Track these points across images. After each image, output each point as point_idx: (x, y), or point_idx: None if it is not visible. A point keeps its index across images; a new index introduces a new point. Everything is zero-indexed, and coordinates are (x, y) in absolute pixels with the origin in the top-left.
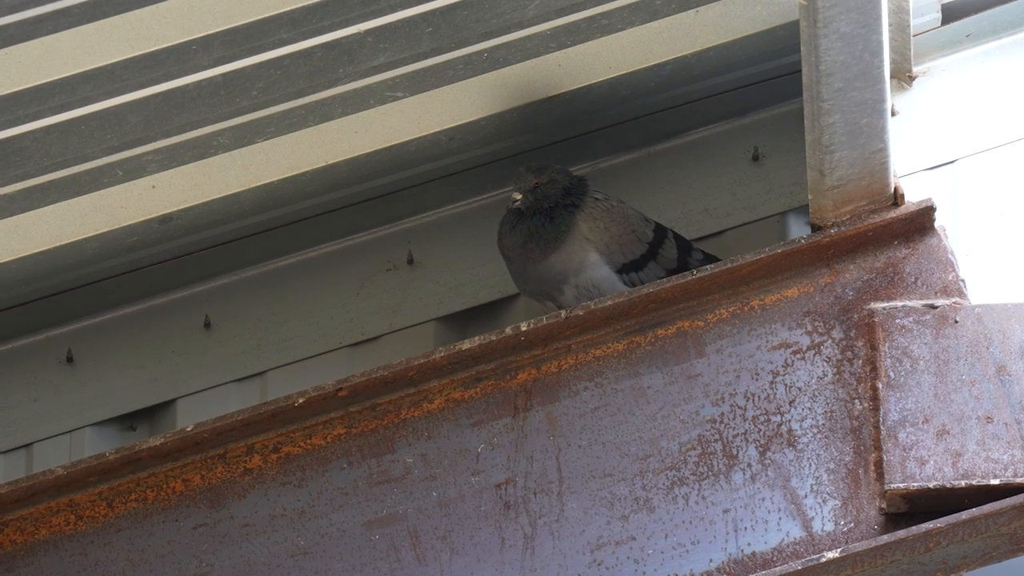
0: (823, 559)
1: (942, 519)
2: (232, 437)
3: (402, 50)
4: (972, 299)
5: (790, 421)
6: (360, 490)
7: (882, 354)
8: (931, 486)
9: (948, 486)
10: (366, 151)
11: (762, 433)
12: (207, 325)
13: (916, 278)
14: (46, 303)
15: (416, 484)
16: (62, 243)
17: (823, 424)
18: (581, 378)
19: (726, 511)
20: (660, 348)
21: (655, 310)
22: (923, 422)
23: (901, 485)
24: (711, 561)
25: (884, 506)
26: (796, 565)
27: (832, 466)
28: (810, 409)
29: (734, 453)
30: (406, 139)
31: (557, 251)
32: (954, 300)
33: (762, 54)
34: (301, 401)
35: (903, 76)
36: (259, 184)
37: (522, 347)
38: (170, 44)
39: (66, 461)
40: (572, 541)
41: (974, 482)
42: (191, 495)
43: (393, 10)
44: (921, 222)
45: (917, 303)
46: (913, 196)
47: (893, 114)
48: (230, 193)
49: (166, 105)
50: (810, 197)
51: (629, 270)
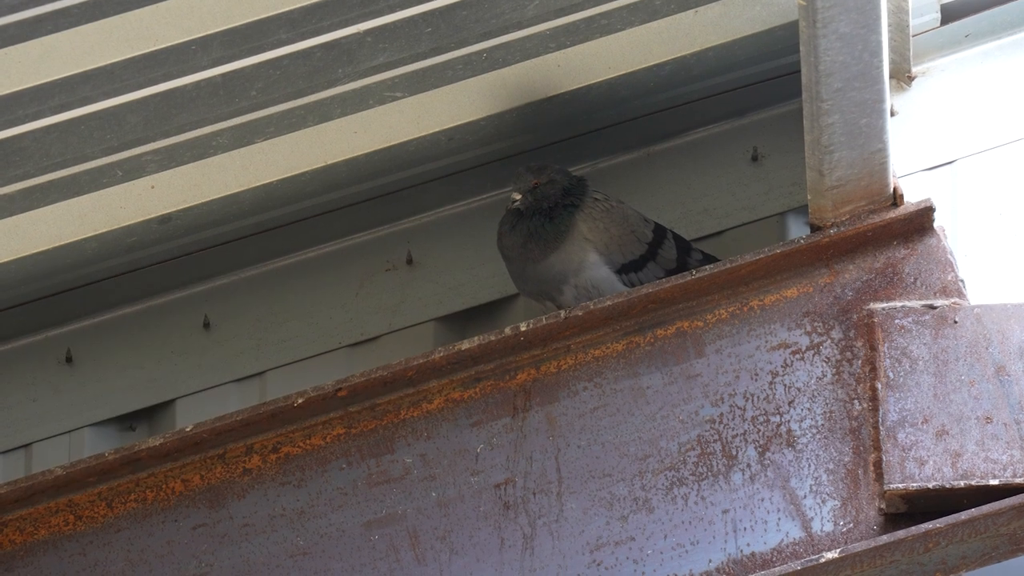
0: (822, 559)
1: (941, 519)
2: (231, 437)
3: (401, 50)
4: (971, 299)
5: (789, 421)
6: (359, 490)
7: (881, 354)
8: (930, 486)
9: (947, 486)
10: (365, 151)
11: (761, 433)
12: (206, 325)
13: (915, 278)
14: (45, 303)
15: (415, 484)
16: (62, 243)
17: (822, 424)
18: (580, 378)
19: (725, 511)
20: (659, 348)
21: (654, 310)
22: (922, 422)
23: (900, 485)
24: (710, 561)
25: (883, 506)
26: (795, 565)
27: (831, 466)
28: (809, 409)
29: (733, 453)
30: (405, 139)
31: (556, 251)
32: (953, 300)
33: (761, 54)
34: (300, 401)
35: (902, 76)
36: (258, 184)
37: (521, 347)
38: (169, 44)
39: (65, 461)
40: (571, 541)
41: (973, 482)
42: (190, 495)
43: (392, 10)
44: (920, 222)
45: (916, 303)
46: (912, 196)
47: (892, 114)
48: (229, 193)
49: (165, 105)
50: (809, 197)
51: (628, 270)
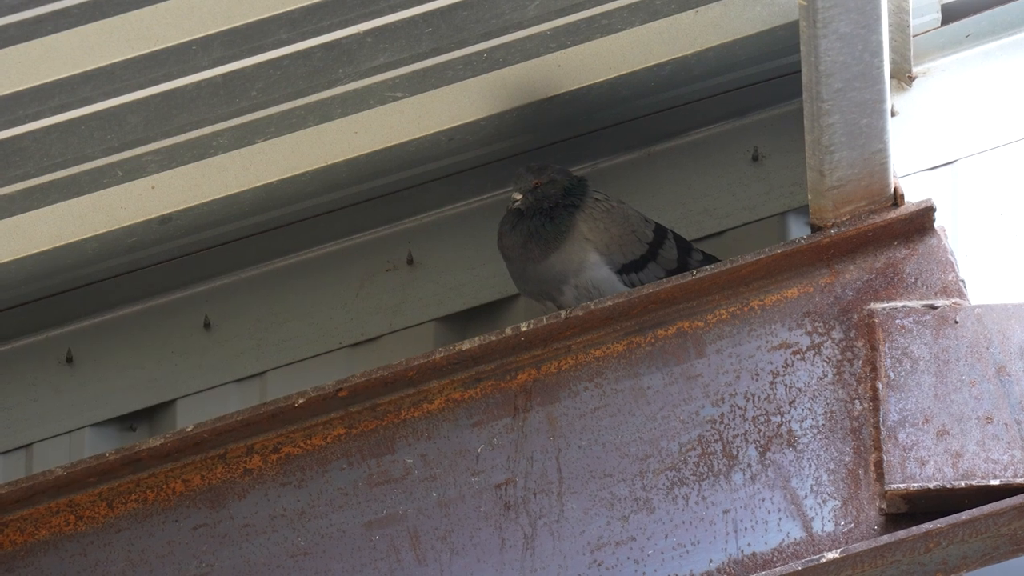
0: (823, 559)
1: (942, 519)
2: (232, 437)
3: (402, 50)
4: (972, 299)
5: (790, 421)
6: (360, 490)
7: (882, 354)
8: (931, 486)
9: (948, 486)
10: (366, 151)
11: (762, 433)
12: (207, 325)
13: (916, 278)
14: (46, 303)
15: (416, 484)
16: (62, 243)
17: (823, 424)
18: (581, 378)
19: (726, 511)
20: (660, 348)
21: (655, 310)
22: (923, 422)
23: (901, 485)
24: (711, 562)
25: (884, 506)
26: (796, 565)
27: (832, 466)
28: (810, 409)
29: (734, 453)
30: (406, 139)
31: (557, 251)
32: (954, 300)
33: (762, 54)
34: (301, 401)
35: (903, 76)
36: (259, 184)
37: (522, 347)
38: (170, 44)
39: (66, 461)
40: (572, 541)
41: (974, 482)
42: (191, 495)
43: (393, 10)
44: (921, 222)
45: (917, 303)
46: (913, 196)
47: (893, 114)
48: (230, 193)
49: (166, 105)
50: (810, 197)
51: (629, 270)
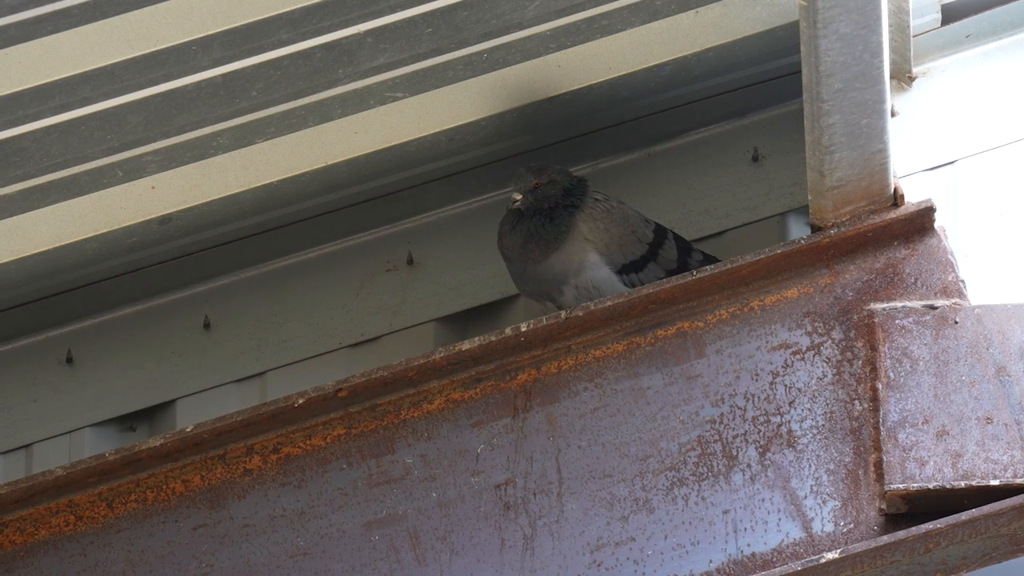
0: (823, 560)
1: (942, 520)
2: (232, 438)
3: (402, 50)
4: (972, 300)
5: (790, 422)
6: (360, 491)
7: (882, 355)
8: (931, 487)
9: (948, 487)
10: (366, 151)
11: (762, 434)
12: (207, 326)
13: (916, 279)
14: (46, 303)
15: (416, 485)
16: (62, 243)
17: (823, 425)
18: (581, 379)
19: (726, 512)
20: (660, 349)
21: (655, 311)
22: (923, 423)
23: (901, 486)
24: (711, 562)
25: (884, 507)
26: (796, 566)
27: (832, 467)
28: (810, 410)
29: (734, 454)
30: (406, 139)
31: (557, 252)
32: (954, 301)
33: (762, 55)
34: (301, 402)
35: (903, 77)
36: (259, 185)
37: (522, 348)
38: (170, 44)
39: (66, 462)
40: (572, 542)
41: (974, 483)
42: (191, 496)
43: (393, 10)
44: (921, 223)
45: (917, 304)
46: (913, 197)
47: (893, 115)
48: (230, 194)
49: (166, 106)
50: (810, 198)
51: (629, 271)
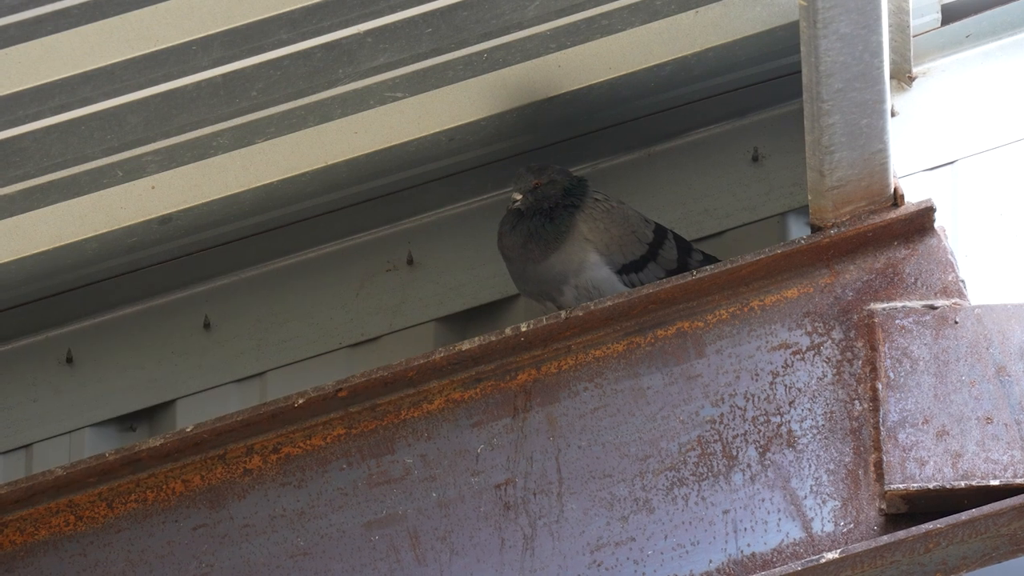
0: (823, 560)
1: (942, 520)
2: (232, 438)
3: (402, 50)
4: (972, 299)
5: (790, 422)
6: (360, 491)
7: (882, 355)
8: (931, 487)
9: (948, 487)
10: (366, 151)
11: (762, 434)
12: (207, 326)
13: (916, 279)
14: (46, 303)
15: (416, 485)
16: (62, 243)
17: (823, 425)
18: (581, 379)
19: (726, 512)
20: (660, 349)
21: (655, 311)
22: (923, 423)
23: (901, 486)
24: (711, 562)
25: (884, 507)
26: (796, 566)
27: (832, 467)
28: (810, 410)
29: (734, 454)
30: (406, 139)
31: (557, 252)
32: (954, 301)
33: (762, 55)
34: (301, 402)
35: (903, 77)
36: (259, 185)
37: (522, 348)
38: (170, 44)
39: (66, 462)
40: (572, 542)
41: (974, 483)
42: (191, 496)
43: (393, 10)
44: (921, 223)
45: (917, 304)
46: (913, 197)
47: (893, 115)
48: (230, 194)
49: (166, 106)
50: (810, 198)
51: (629, 271)
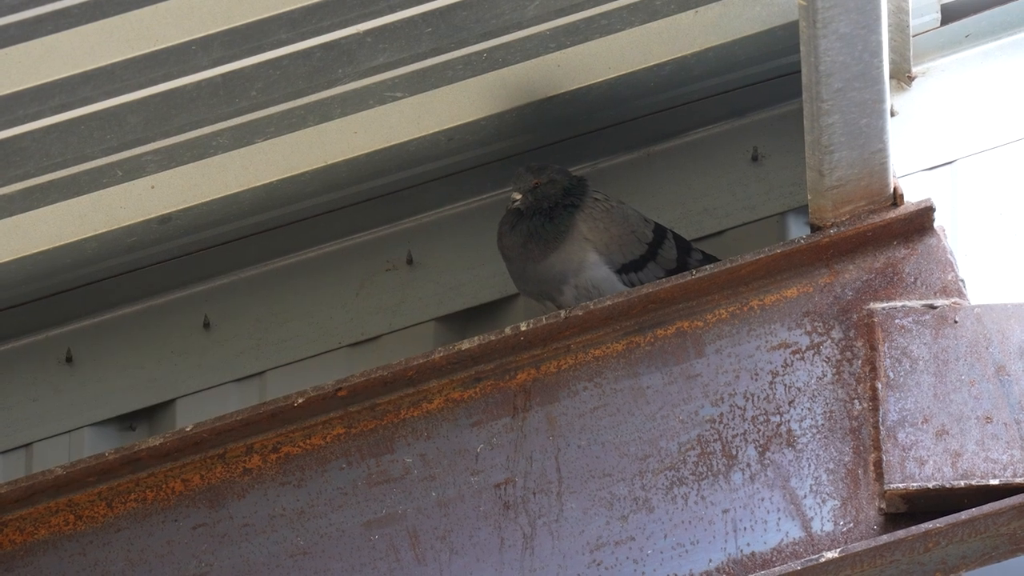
0: (822, 559)
1: (941, 519)
2: (231, 437)
3: (401, 50)
4: (971, 299)
5: (789, 421)
6: (359, 490)
7: (881, 354)
8: (930, 486)
9: (947, 486)
10: (365, 151)
11: (761, 433)
12: (206, 325)
13: (915, 278)
14: (46, 303)
15: (415, 484)
16: (62, 243)
17: (822, 424)
18: (580, 378)
19: (725, 511)
20: (659, 348)
21: (654, 310)
22: (922, 422)
23: (900, 485)
24: (710, 561)
25: (883, 506)
26: (795, 565)
27: (831, 466)
28: (809, 409)
29: (733, 453)
30: (405, 139)
31: (557, 251)
32: (953, 300)
33: (761, 54)
34: (300, 401)
35: (902, 76)
36: (258, 184)
37: (521, 347)
38: (170, 44)
39: (65, 461)
40: (571, 541)
41: (973, 482)
42: (190, 495)
43: (393, 10)
44: (920, 222)
45: (916, 303)
46: (912, 196)
47: (892, 114)
48: (229, 193)
49: (166, 105)
50: (809, 197)
51: (628, 270)
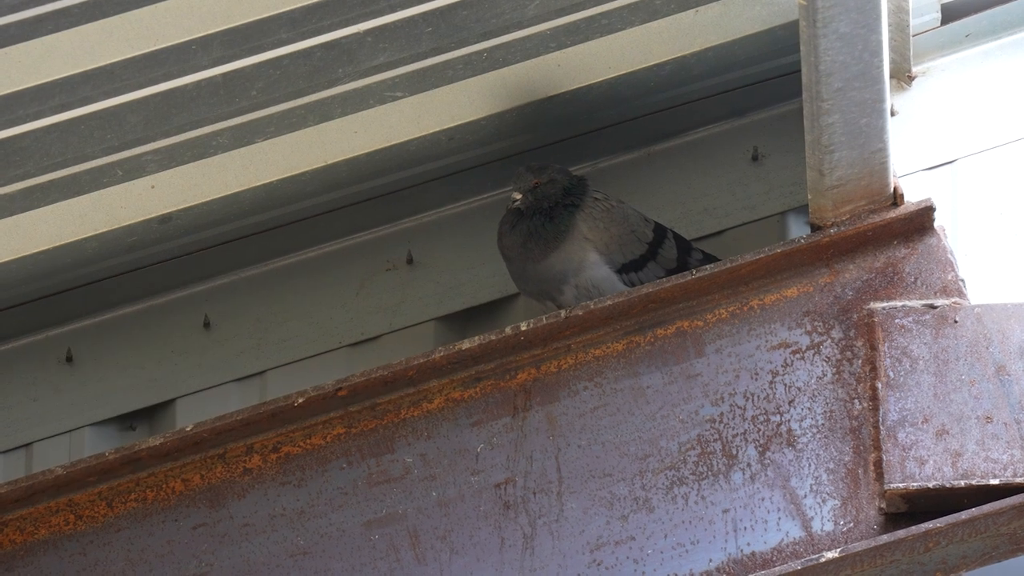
0: (822, 559)
1: (941, 519)
2: (232, 437)
3: (402, 50)
4: (972, 299)
5: (789, 421)
6: (360, 490)
7: (882, 354)
8: (930, 486)
9: (947, 486)
10: (366, 151)
11: (761, 433)
12: (207, 325)
13: (916, 278)
14: (46, 303)
15: (416, 484)
16: (62, 243)
17: (822, 424)
18: (581, 378)
19: (725, 511)
20: (659, 348)
21: (655, 310)
22: (922, 422)
23: (900, 485)
24: (710, 561)
25: (883, 506)
26: (795, 565)
27: (831, 466)
28: (809, 409)
29: (733, 453)
30: (406, 139)
31: (557, 251)
32: (954, 300)
33: (761, 54)
34: (301, 401)
35: (902, 76)
36: (259, 184)
37: (522, 347)
38: (170, 44)
39: (66, 461)
40: (571, 541)
41: (973, 482)
42: (191, 495)
43: (393, 10)
44: (920, 222)
45: (917, 303)
46: (913, 196)
47: (892, 114)
48: (230, 193)
49: (166, 105)
50: (810, 197)
51: (629, 270)
